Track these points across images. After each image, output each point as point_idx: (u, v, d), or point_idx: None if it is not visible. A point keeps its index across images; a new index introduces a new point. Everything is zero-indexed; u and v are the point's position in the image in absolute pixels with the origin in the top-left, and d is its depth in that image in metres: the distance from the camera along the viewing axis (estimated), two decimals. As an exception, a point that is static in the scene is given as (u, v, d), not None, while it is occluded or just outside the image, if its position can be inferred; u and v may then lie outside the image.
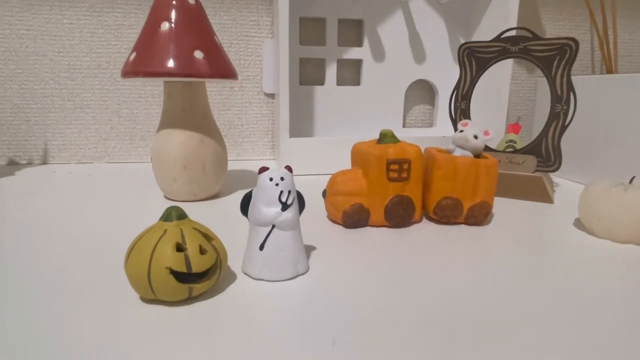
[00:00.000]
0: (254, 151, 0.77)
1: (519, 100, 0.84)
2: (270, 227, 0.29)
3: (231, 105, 0.74)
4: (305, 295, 0.28)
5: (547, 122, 0.51)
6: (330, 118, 0.74)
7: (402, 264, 0.33)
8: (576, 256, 0.35)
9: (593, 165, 0.58)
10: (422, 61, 0.75)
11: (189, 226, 0.26)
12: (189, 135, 0.46)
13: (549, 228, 0.41)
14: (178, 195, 0.48)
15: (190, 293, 0.26)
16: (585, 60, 0.86)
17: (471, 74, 0.55)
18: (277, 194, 0.29)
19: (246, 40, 0.72)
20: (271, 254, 0.29)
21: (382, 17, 0.72)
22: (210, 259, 0.26)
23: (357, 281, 0.30)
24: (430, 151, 0.42)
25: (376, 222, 0.40)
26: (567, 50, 0.48)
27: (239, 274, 0.30)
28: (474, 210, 0.40)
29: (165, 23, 0.43)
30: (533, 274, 0.31)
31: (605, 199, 0.37)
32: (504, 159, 0.53)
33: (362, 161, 0.40)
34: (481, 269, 0.32)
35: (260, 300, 0.27)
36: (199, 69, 0.43)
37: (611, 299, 0.27)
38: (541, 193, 0.50)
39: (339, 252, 0.35)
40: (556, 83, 0.50)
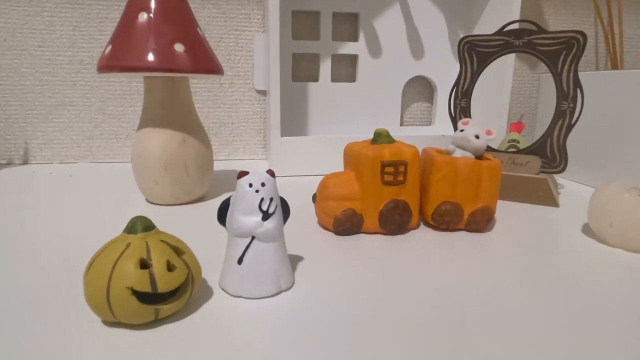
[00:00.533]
0: (245, 150, 0.74)
1: (520, 97, 0.81)
2: (250, 238, 0.26)
3: (221, 102, 0.71)
4: (289, 314, 0.25)
5: (553, 121, 0.48)
6: (325, 116, 0.71)
7: (397, 276, 0.30)
8: (586, 266, 0.32)
9: (601, 166, 0.55)
10: (420, 57, 0.72)
11: (157, 239, 0.24)
12: (170, 134, 0.43)
13: (556, 235, 0.38)
14: (160, 199, 0.45)
15: (157, 315, 0.23)
16: (589, 55, 0.83)
17: (472, 70, 0.52)
18: (258, 201, 0.26)
19: (236, 34, 0.69)
20: (251, 268, 0.26)
21: (379, 10, 0.69)
22: (179, 277, 0.23)
23: (347, 296, 0.27)
24: (429, 152, 0.39)
25: (370, 228, 0.37)
26: (574, 45, 0.45)
27: (216, 289, 0.27)
28: (475, 216, 0.38)
29: (144, 14, 0.40)
30: (538, 287, 0.28)
31: (617, 204, 0.34)
32: (507, 159, 0.50)
33: (355, 163, 0.37)
34: (482, 280, 0.29)
35: (237, 321, 0.24)
36: (180, 63, 0.40)
37: (624, 315, 0.25)
38: (546, 196, 0.47)
39: (329, 263, 0.32)
40: (562, 79, 0.47)
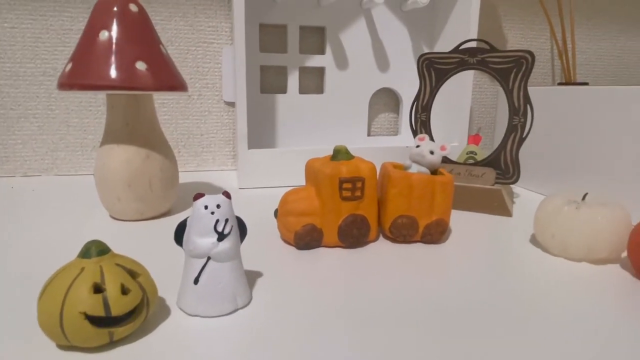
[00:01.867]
0: (215, 161, 0.74)
1: (482, 108, 0.85)
2: (206, 258, 0.27)
3: (189, 114, 0.71)
4: (246, 332, 0.26)
5: (505, 135, 0.50)
6: (294, 127, 0.72)
7: (355, 287, 0.31)
8: (530, 275, 0.34)
9: (557, 175, 0.58)
10: (386, 69, 0.74)
11: (111, 262, 0.24)
12: (134, 150, 0.43)
13: (506, 245, 0.41)
14: (124, 215, 0.45)
15: (112, 338, 0.23)
16: (546, 68, 0.87)
17: (431, 85, 0.54)
18: (213, 223, 0.26)
19: (204, 46, 0.69)
20: (207, 288, 0.27)
21: (345, 24, 0.71)
22: (133, 300, 0.23)
23: (304, 310, 0.28)
24: (386, 167, 0.41)
25: (330, 242, 0.39)
26: (523, 63, 0.48)
27: (174, 308, 0.28)
28: (430, 229, 0.39)
29: (105, 32, 0.40)
30: (486, 294, 0.30)
31: (557, 217, 0.36)
32: (464, 171, 0.52)
33: (315, 179, 0.38)
34: (434, 290, 0.31)
35: (194, 340, 0.25)
36: (142, 81, 0.40)
37: (563, 318, 0.27)
38: (500, 206, 0.50)
39: (288, 277, 0.33)
40: (513, 95, 0.49)
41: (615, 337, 0.26)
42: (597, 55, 0.90)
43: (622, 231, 0.35)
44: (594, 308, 0.29)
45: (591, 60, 0.89)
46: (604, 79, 0.91)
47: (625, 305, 0.30)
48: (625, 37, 0.90)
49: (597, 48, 0.89)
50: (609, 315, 0.28)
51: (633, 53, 0.91)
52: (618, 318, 0.28)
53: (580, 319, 0.28)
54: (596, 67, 0.90)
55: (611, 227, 0.34)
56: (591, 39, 0.88)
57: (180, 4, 0.67)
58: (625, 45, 0.91)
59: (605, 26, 0.88)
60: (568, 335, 0.26)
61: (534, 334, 0.26)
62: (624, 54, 0.91)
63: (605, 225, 0.34)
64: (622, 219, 0.35)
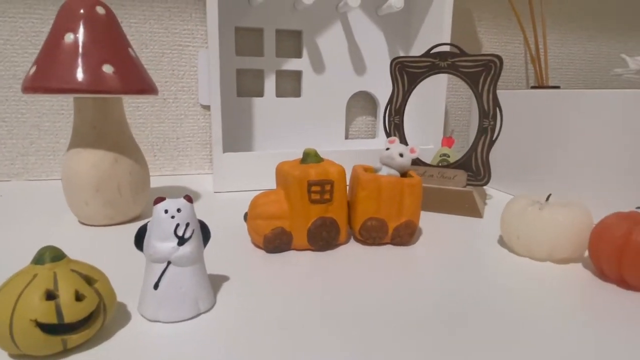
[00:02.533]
0: (192, 165, 0.73)
1: (458, 111, 0.86)
2: (166, 263, 0.26)
3: (165, 117, 0.70)
4: (207, 337, 0.25)
5: (476, 137, 0.51)
6: (271, 130, 0.72)
7: (323, 290, 0.31)
8: (496, 275, 0.34)
9: (527, 177, 0.59)
10: (362, 73, 0.75)
11: (66, 269, 0.24)
12: (102, 154, 0.43)
13: (474, 246, 0.41)
14: (92, 220, 0.44)
15: (65, 345, 0.23)
16: (520, 72, 0.89)
17: (403, 89, 0.55)
18: (173, 227, 0.26)
19: (180, 49, 0.69)
20: (167, 293, 0.26)
21: (321, 28, 0.71)
22: (89, 306, 0.23)
23: (269, 314, 0.28)
24: (356, 170, 0.41)
25: (299, 245, 0.39)
26: (492, 67, 0.49)
27: (135, 314, 0.28)
28: (399, 231, 0.40)
29: (70, 34, 0.40)
30: (452, 295, 0.30)
31: (522, 218, 0.37)
32: (436, 173, 0.53)
33: (284, 182, 0.38)
34: (401, 292, 0.31)
35: (153, 345, 0.24)
36: (108, 85, 0.40)
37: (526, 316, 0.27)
38: (471, 208, 0.50)
39: (255, 280, 0.33)
40: (483, 99, 0.50)
41: (578, 335, 0.26)
42: (569, 60, 0.92)
43: (584, 231, 0.36)
44: (557, 307, 0.30)
45: (564, 64, 0.92)
46: (576, 83, 0.93)
47: (587, 304, 0.30)
48: (595, 42, 0.92)
49: (569, 53, 0.91)
50: (571, 313, 0.29)
51: (603, 58, 0.94)
52: (580, 316, 0.28)
53: (544, 318, 0.28)
54: (568, 71, 0.92)
55: (572, 228, 0.35)
56: (563, 44, 0.90)
57: (155, 7, 0.67)
58: (595, 51, 0.93)
59: (576, 32, 0.91)
60: (533, 334, 0.26)
61: (501, 332, 0.26)
62: (594, 58, 0.93)
63: (567, 226, 0.35)
64: (584, 220, 0.36)
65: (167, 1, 0.67)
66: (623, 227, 0.32)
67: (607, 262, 0.32)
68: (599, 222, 0.34)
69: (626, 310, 0.29)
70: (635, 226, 0.32)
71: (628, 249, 0.31)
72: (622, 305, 0.30)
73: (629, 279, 0.32)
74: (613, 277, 0.33)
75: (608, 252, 0.32)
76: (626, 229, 0.32)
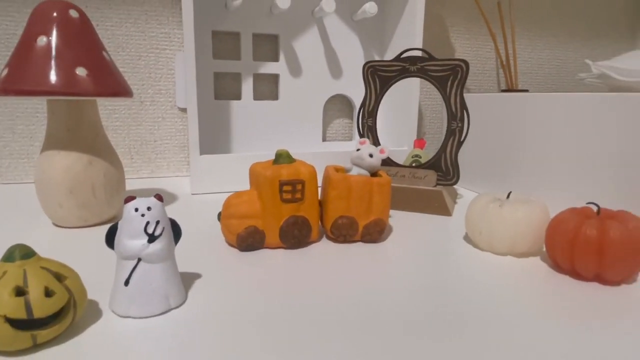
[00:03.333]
0: (169, 167, 0.74)
1: (433, 113, 0.88)
2: (136, 260, 0.27)
3: (142, 120, 0.71)
4: (177, 331, 0.26)
5: (445, 139, 0.53)
6: (249, 133, 0.73)
7: (294, 286, 0.32)
8: (460, 269, 0.36)
9: (496, 177, 0.62)
10: (339, 76, 0.77)
11: (36, 266, 0.24)
12: (76, 156, 0.43)
13: (441, 242, 0.43)
14: (66, 222, 0.45)
15: (35, 341, 0.23)
16: (492, 76, 0.92)
17: (376, 92, 0.56)
18: (143, 225, 0.27)
19: (157, 52, 0.69)
20: (138, 289, 0.27)
21: (298, 32, 0.72)
22: (58, 302, 0.24)
23: (241, 309, 0.29)
24: (328, 170, 0.43)
25: (272, 244, 0.40)
26: (459, 71, 0.51)
27: (106, 311, 0.28)
28: (369, 228, 0.41)
29: (43, 37, 0.40)
30: (419, 289, 0.32)
31: (483, 215, 0.39)
32: (408, 173, 0.55)
33: (257, 183, 0.39)
34: (371, 287, 0.32)
35: (123, 340, 0.25)
36: (82, 87, 0.40)
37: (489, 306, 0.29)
38: (440, 206, 0.52)
39: (227, 278, 0.34)
40: (451, 102, 0.52)
41: (535, 324, 0.28)
42: (538, 65, 0.95)
43: (541, 226, 0.38)
44: (515, 298, 0.31)
45: (533, 68, 0.95)
46: (545, 86, 0.97)
47: (541, 295, 0.32)
48: (563, 48, 0.96)
49: (538, 58, 0.95)
50: (528, 304, 0.31)
51: (570, 63, 0.98)
52: (536, 306, 0.30)
53: (503, 309, 0.30)
54: (538, 75, 0.96)
55: (530, 223, 0.37)
56: (533, 49, 0.94)
57: (131, 10, 0.67)
58: (563, 56, 0.97)
59: (545, 38, 0.94)
60: (495, 324, 0.28)
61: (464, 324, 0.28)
62: (562, 63, 0.97)
63: (525, 222, 0.37)
64: (541, 216, 0.38)
65: (144, 4, 0.67)
66: (575, 221, 0.34)
67: (560, 254, 0.34)
68: (553, 217, 0.36)
69: (577, 300, 0.31)
70: (585, 220, 0.34)
71: (578, 242, 0.33)
72: (574, 296, 0.32)
73: (580, 269, 0.34)
74: (566, 269, 0.35)
75: (561, 245, 0.34)
76: (577, 223, 0.34)
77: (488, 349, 0.25)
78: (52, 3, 0.41)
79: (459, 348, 0.25)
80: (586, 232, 0.33)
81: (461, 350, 0.25)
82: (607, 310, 0.30)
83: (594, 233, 0.32)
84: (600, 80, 0.65)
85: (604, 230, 0.32)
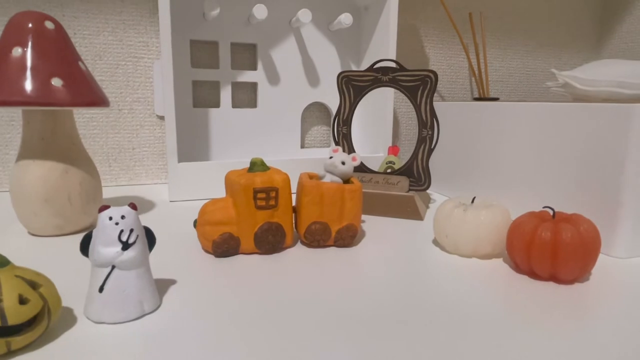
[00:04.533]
0: (148, 175, 0.74)
1: (409, 120, 0.91)
2: (110, 267, 0.28)
3: (120, 128, 0.71)
4: (151, 336, 0.27)
5: (417, 146, 0.55)
6: (228, 140, 0.74)
7: (268, 291, 0.33)
8: (427, 271, 0.38)
9: (467, 182, 0.64)
10: (316, 85, 0.78)
11: (11, 274, 0.25)
12: (51, 165, 0.43)
13: (411, 246, 0.45)
14: (42, 230, 0.45)
15: (9, 347, 0.24)
16: (465, 84, 0.95)
17: (350, 101, 0.58)
18: (117, 233, 0.28)
19: (134, 61, 0.70)
20: (111, 295, 0.28)
21: (275, 41, 0.74)
22: (32, 309, 0.24)
23: (214, 313, 0.30)
24: (302, 177, 0.44)
25: (247, 249, 0.41)
26: (428, 81, 0.53)
27: (81, 318, 0.29)
28: (341, 233, 0.43)
29: (18, 48, 0.40)
30: (389, 290, 0.33)
31: (449, 219, 0.41)
32: (382, 180, 0.57)
33: (231, 190, 0.41)
34: (344, 290, 0.33)
35: (97, 345, 0.26)
36: (57, 98, 0.41)
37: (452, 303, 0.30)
38: (412, 211, 0.54)
39: (202, 283, 0.35)
40: (421, 110, 0.54)
41: (496, 320, 0.30)
42: (509, 73, 0.99)
43: (502, 230, 0.40)
44: (478, 298, 0.33)
45: (504, 77, 0.99)
46: (516, 94, 1.01)
47: (503, 294, 0.34)
48: (532, 57, 1.00)
49: (509, 67, 0.99)
50: (491, 304, 0.32)
51: (539, 71, 1.02)
52: (498, 306, 0.32)
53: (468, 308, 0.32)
54: (508, 83, 1.00)
55: (492, 226, 0.39)
56: (503, 58, 0.98)
57: (109, 20, 0.67)
58: (532, 65, 1.01)
59: (515, 47, 0.98)
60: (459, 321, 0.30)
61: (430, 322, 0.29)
62: (532, 72, 1.01)
63: (487, 225, 0.39)
64: (502, 219, 0.40)
65: (122, 14, 0.68)
66: (531, 225, 0.36)
67: (519, 255, 0.36)
68: (513, 221, 0.39)
69: (533, 299, 0.33)
70: (541, 223, 0.36)
71: (534, 244, 0.35)
72: (530, 295, 0.34)
73: (537, 270, 0.36)
74: (525, 269, 0.37)
75: (519, 247, 0.36)
76: (534, 226, 0.36)
77: (453, 343, 0.27)
78: (27, 14, 0.42)
79: (426, 343, 0.27)
80: (541, 235, 0.35)
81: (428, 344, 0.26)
82: (560, 307, 0.32)
83: (548, 235, 0.35)
84: (565, 89, 0.68)
85: (557, 232, 0.34)
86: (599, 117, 0.43)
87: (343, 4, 0.76)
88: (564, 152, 0.48)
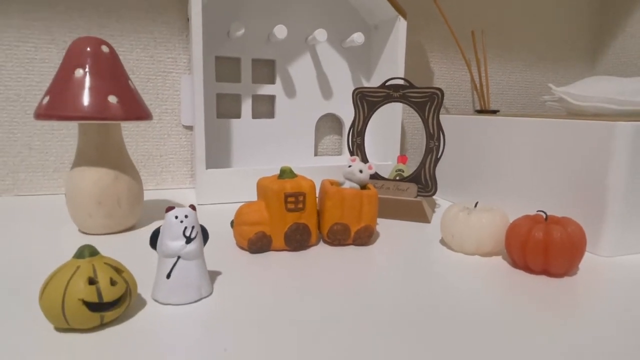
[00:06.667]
0: (174, 180, 0.80)
1: (415, 131, 0.97)
2: (176, 257, 0.34)
3: (149, 137, 0.77)
4: (208, 315, 0.33)
5: (424, 156, 0.61)
6: (248, 148, 0.80)
7: (298, 282, 0.39)
8: (436, 266, 0.43)
9: (470, 189, 0.70)
10: (329, 97, 0.84)
11: (101, 262, 0.31)
12: (104, 172, 0.49)
13: (420, 245, 0.50)
14: (93, 229, 0.50)
15: (102, 320, 0.30)
16: (467, 97, 1.01)
17: (364, 114, 0.64)
18: (182, 229, 0.34)
19: (164, 75, 0.76)
20: (177, 281, 0.33)
21: (292, 57, 0.80)
22: (120, 289, 0.30)
23: (257, 299, 0.35)
24: (324, 184, 0.50)
25: (278, 247, 0.46)
26: (435, 97, 0.59)
27: (149, 300, 0.35)
28: (359, 233, 0.48)
29: (80, 70, 0.46)
30: (402, 284, 0.39)
31: (455, 221, 0.46)
32: (392, 186, 0.62)
33: (264, 195, 0.46)
34: (362, 283, 0.39)
35: (167, 322, 0.32)
36: (113, 113, 0.46)
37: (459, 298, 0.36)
38: (420, 215, 0.60)
39: (243, 275, 0.40)
40: (429, 123, 0.60)
41: (496, 310, 0.35)
42: (508, 86, 1.05)
43: (501, 231, 0.45)
44: (480, 288, 0.39)
45: (504, 90, 1.05)
46: (515, 106, 1.07)
47: (502, 286, 0.40)
48: (530, 71, 1.07)
49: (508, 80, 1.05)
50: (491, 295, 0.38)
51: (537, 85, 1.08)
52: (498, 297, 0.38)
53: (472, 299, 0.37)
54: (508, 96, 1.06)
55: (493, 228, 0.45)
56: (503, 72, 1.04)
57: (142, 37, 0.74)
58: (530, 79, 1.07)
59: (514, 62, 1.04)
60: (463, 312, 0.35)
61: (437, 313, 0.35)
62: (530, 85, 1.07)
63: (488, 226, 0.45)
64: (501, 222, 0.46)
65: (153, 32, 0.74)
66: (527, 226, 0.42)
67: (515, 253, 0.42)
68: (511, 223, 0.44)
69: (528, 290, 0.39)
70: (535, 225, 0.42)
71: (529, 243, 0.41)
72: (526, 285, 0.40)
73: (531, 265, 0.41)
74: (520, 265, 0.43)
75: (516, 245, 0.42)
76: (528, 227, 0.42)
77: (458, 332, 0.32)
78: (86, 39, 0.48)
79: (434, 331, 0.32)
80: (535, 235, 0.40)
81: (436, 333, 0.32)
82: (551, 298, 0.38)
83: (541, 235, 0.40)
84: (559, 103, 0.74)
85: (548, 233, 0.40)
86: (587, 132, 0.49)
87: (354, 23, 0.83)
88: (556, 162, 0.53)
